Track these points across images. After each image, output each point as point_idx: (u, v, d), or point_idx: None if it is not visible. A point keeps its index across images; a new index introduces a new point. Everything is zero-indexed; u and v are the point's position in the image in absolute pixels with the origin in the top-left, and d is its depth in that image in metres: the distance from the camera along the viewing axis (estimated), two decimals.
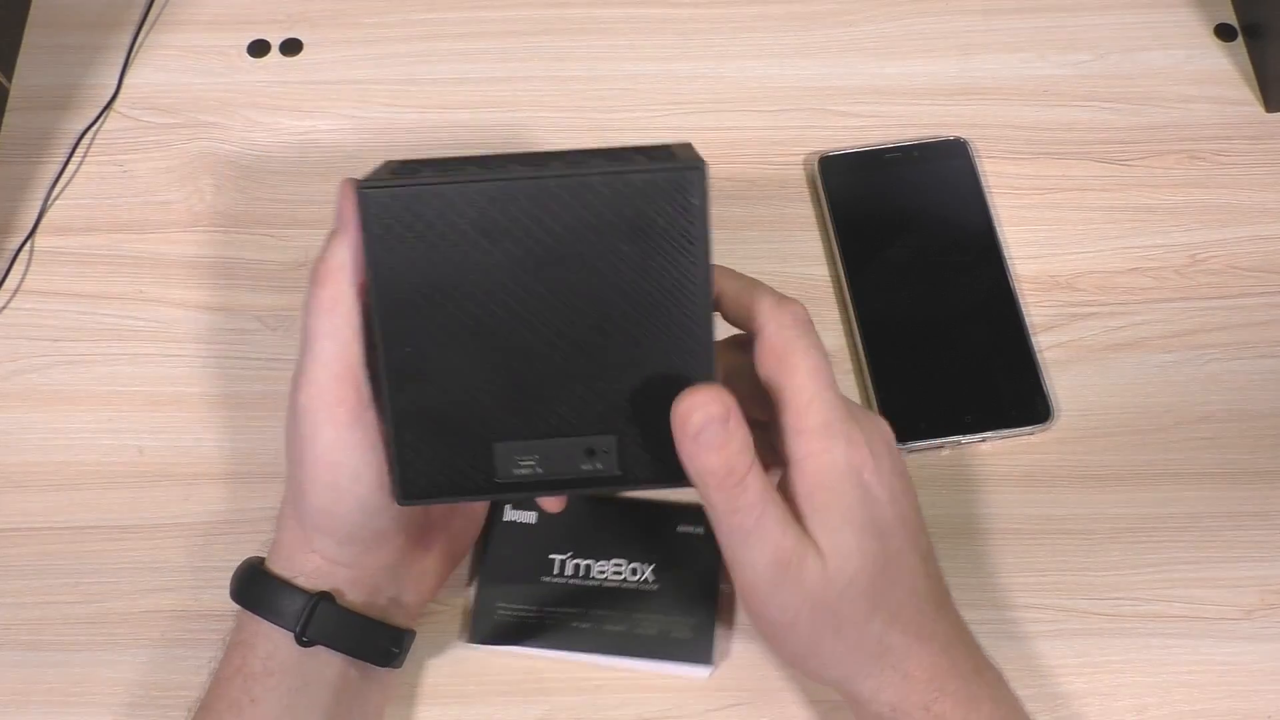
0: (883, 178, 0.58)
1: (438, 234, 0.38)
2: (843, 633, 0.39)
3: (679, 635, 0.48)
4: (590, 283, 0.38)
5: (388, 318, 0.39)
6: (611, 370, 0.39)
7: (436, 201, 0.38)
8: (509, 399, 0.39)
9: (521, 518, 0.50)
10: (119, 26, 0.63)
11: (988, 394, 0.53)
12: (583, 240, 0.38)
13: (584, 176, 0.37)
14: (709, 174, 0.38)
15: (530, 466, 0.40)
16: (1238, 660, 0.48)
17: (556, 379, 0.39)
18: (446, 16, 0.63)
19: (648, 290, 0.38)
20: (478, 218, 0.38)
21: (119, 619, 0.49)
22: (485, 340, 0.39)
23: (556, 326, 0.39)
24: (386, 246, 0.38)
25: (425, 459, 0.40)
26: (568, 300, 0.38)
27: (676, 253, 0.38)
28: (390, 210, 0.38)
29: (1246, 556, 0.50)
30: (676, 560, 0.49)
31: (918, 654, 0.40)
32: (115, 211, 0.58)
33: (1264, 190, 0.59)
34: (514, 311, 0.39)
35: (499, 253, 0.38)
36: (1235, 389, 0.54)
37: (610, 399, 0.39)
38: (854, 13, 0.64)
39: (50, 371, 0.54)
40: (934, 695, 0.40)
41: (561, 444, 0.40)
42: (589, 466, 0.40)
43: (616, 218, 0.38)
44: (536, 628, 0.48)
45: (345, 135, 0.60)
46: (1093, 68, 0.62)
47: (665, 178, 0.37)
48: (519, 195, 0.38)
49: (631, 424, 0.40)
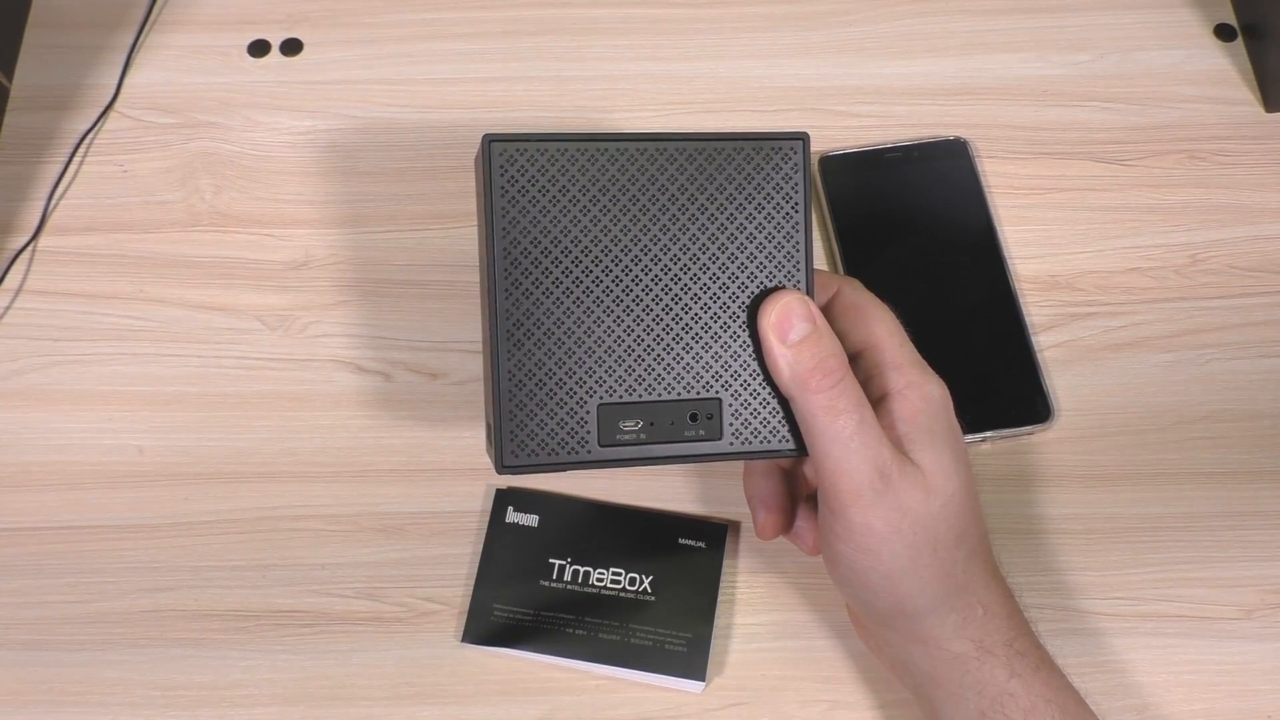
0: (883, 178, 0.58)
1: (559, 189, 0.40)
2: (938, 553, 0.40)
3: (673, 649, 0.47)
4: (701, 243, 0.41)
5: (505, 273, 0.39)
6: (717, 333, 0.41)
7: (561, 157, 0.40)
8: (618, 360, 0.40)
9: (524, 520, 0.50)
10: (119, 26, 0.63)
11: (988, 394, 0.53)
12: (696, 201, 0.40)
13: (700, 141, 0.40)
14: (810, 144, 0.41)
15: (634, 431, 0.40)
16: (1238, 660, 0.48)
17: (663, 340, 0.41)
18: (446, 16, 0.63)
19: (754, 252, 0.41)
20: (599, 174, 0.40)
21: (119, 619, 0.49)
22: (597, 298, 0.40)
23: (666, 286, 0.41)
24: (509, 199, 0.39)
25: (530, 425, 0.40)
26: (679, 260, 0.41)
27: (782, 217, 0.41)
28: (516, 163, 0.39)
29: (1246, 556, 0.50)
30: (676, 573, 0.49)
31: (995, 591, 0.41)
32: (115, 211, 0.58)
33: (1264, 190, 0.59)
34: (626, 270, 0.40)
35: (617, 210, 0.40)
36: (1235, 389, 0.54)
37: (715, 363, 0.41)
38: (854, 13, 0.64)
39: (50, 371, 0.54)
40: (1014, 634, 0.41)
41: (666, 408, 0.41)
42: (692, 433, 0.41)
43: (728, 181, 0.41)
44: (531, 631, 0.48)
45: (345, 135, 0.60)
46: (1093, 68, 0.62)
47: (774, 145, 0.41)
48: (639, 155, 0.40)
49: (734, 389, 0.41)
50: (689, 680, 0.47)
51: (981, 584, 0.41)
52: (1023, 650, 0.41)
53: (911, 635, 0.42)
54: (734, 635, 0.49)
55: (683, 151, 0.40)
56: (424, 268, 0.56)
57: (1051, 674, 0.41)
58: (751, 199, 0.41)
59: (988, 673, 0.40)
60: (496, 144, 0.39)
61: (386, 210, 0.58)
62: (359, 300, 0.56)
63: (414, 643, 0.48)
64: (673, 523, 0.50)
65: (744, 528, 0.51)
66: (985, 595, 0.41)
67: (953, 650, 0.41)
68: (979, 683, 0.40)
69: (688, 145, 0.40)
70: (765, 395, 0.41)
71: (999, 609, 0.41)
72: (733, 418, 0.41)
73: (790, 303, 0.39)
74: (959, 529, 0.40)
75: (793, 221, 0.41)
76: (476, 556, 0.50)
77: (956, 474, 0.40)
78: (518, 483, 0.51)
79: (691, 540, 0.50)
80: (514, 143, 0.39)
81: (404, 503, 0.51)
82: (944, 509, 0.40)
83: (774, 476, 0.46)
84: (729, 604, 0.49)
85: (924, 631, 0.41)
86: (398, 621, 0.49)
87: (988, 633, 0.41)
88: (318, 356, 0.54)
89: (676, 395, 0.41)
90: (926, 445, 0.40)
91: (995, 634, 0.41)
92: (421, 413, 0.53)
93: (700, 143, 0.40)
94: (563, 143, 0.40)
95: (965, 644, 0.40)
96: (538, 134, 0.39)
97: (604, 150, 0.40)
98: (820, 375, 0.39)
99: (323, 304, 0.56)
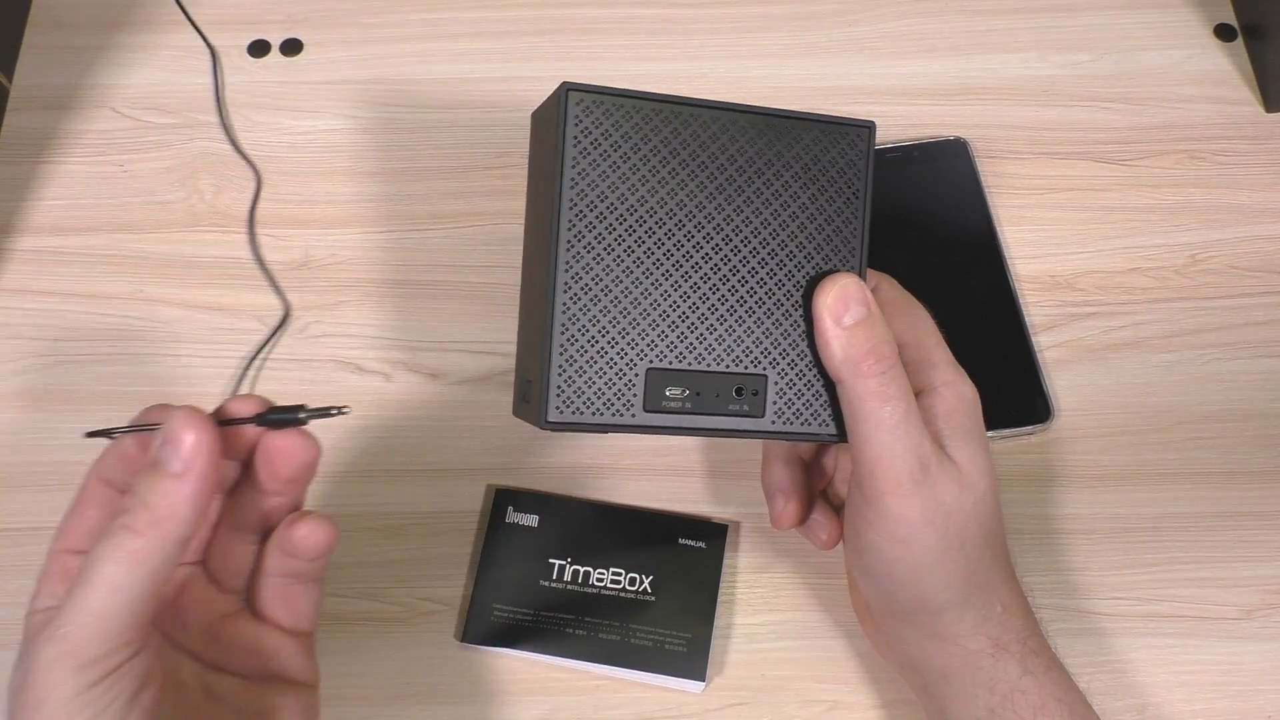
0: (882, 178, 0.58)
1: (631, 146, 0.39)
2: (965, 549, 0.40)
3: (673, 649, 0.47)
4: (763, 218, 0.41)
5: (570, 225, 0.39)
6: (771, 309, 0.41)
7: (636, 115, 0.39)
8: (672, 326, 0.40)
9: (523, 520, 0.50)
10: (119, 26, 0.63)
11: (988, 394, 0.52)
12: (762, 175, 0.41)
13: (771, 115, 0.40)
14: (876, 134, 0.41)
15: (679, 399, 0.40)
16: (1238, 660, 0.48)
17: (717, 310, 0.40)
18: (446, 16, 0.63)
19: (812, 233, 0.41)
20: (671, 136, 0.40)
21: None
22: (657, 261, 0.40)
23: (727, 257, 0.40)
24: (581, 150, 0.39)
25: (579, 383, 0.39)
26: (740, 232, 0.40)
27: (843, 201, 0.41)
28: (591, 114, 0.39)
29: (1246, 556, 0.50)
30: (676, 573, 0.49)
31: (1013, 590, 0.42)
32: (115, 211, 0.58)
33: (1264, 190, 0.58)
34: (689, 236, 0.40)
35: (685, 175, 0.40)
36: (1235, 389, 0.54)
37: (766, 339, 0.41)
38: (854, 13, 0.64)
39: (50, 371, 0.54)
40: (1028, 632, 0.41)
41: (713, 379, 0.40)
42: (736, 407, 0.41)
43: (795, 159, 0.41)
44: (531, 631, 0.48)
45: (345, 135, 0.60)
46: (1093, 68, 0.62)
47: (841, 130, 0.41)
48: (711, 122, 0.40)
49: (782, 367, 0.41)
50: (689, 680, 0.47)
51: (1001, 582, 0.41)
52: (1036, 649, 0.41)
53: (929, 631, 0.42)
54: (734, 635, 0.49)
55: (755, 124, 0.40)
56: (424, 268, 0.56)
57: (1061, 674, 0.41)
58: (816, 180, 0.41)
59: (1001, 670, 0.40)
60: (574, 93, 0.39)
61: (387, 210, 0.58)
62: (359, 300, 0.56)
63: (414, 643, 0.48)
64: (673, 523, 0.50)
65: (744, 528, 0.51)
66: (1004, 593, 0.41)
67: (969, 647, 0.41)
68: (991, 679, 0.40)
69: (760, 119, 0.40)
70: (811, 378, 0.41)
71: (1016, 608, 0.41)
72: (777, 396, 0.41)
73: (848, 285, 0.39)
74: (988, 527, 0.41)
75: (853, 207, 0.41)
76: (476, 556, 0.50)
77: (988, 473, 0.41)
78: (517, 482, 0.51)
79: (691, 540, 0.50)
80: (592, 94, 0.39)
81: (404, 503, 0.51)
82: (976, 506, 0.40)
83: (795, 466, 0.46)
84: (729, 604, 0.49)
85: (942, 628, 0.41)
86: (397, 621, 0.49)
87: (1004, 630, 0.41)
88: (318, 356, 0.54)
89: (725, 368, 0.40)
90: (963, 443, 0.40)
91: (1011, 632, 0.41)
92: (421, 413, 0.53)
93: (773, 118, 0.40)
94: (640, 100, 0.39)
95: (981, 640, 0.41)
96: (616, 89, 0.39)
97: (679, 113, 0.40)
98: (873, 360, 0.39)
99: (323, 304, 0.56)
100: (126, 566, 0.31)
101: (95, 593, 0.31)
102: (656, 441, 0.52)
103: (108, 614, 0.31)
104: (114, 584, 0.31)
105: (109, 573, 0.31)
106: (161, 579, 0.32)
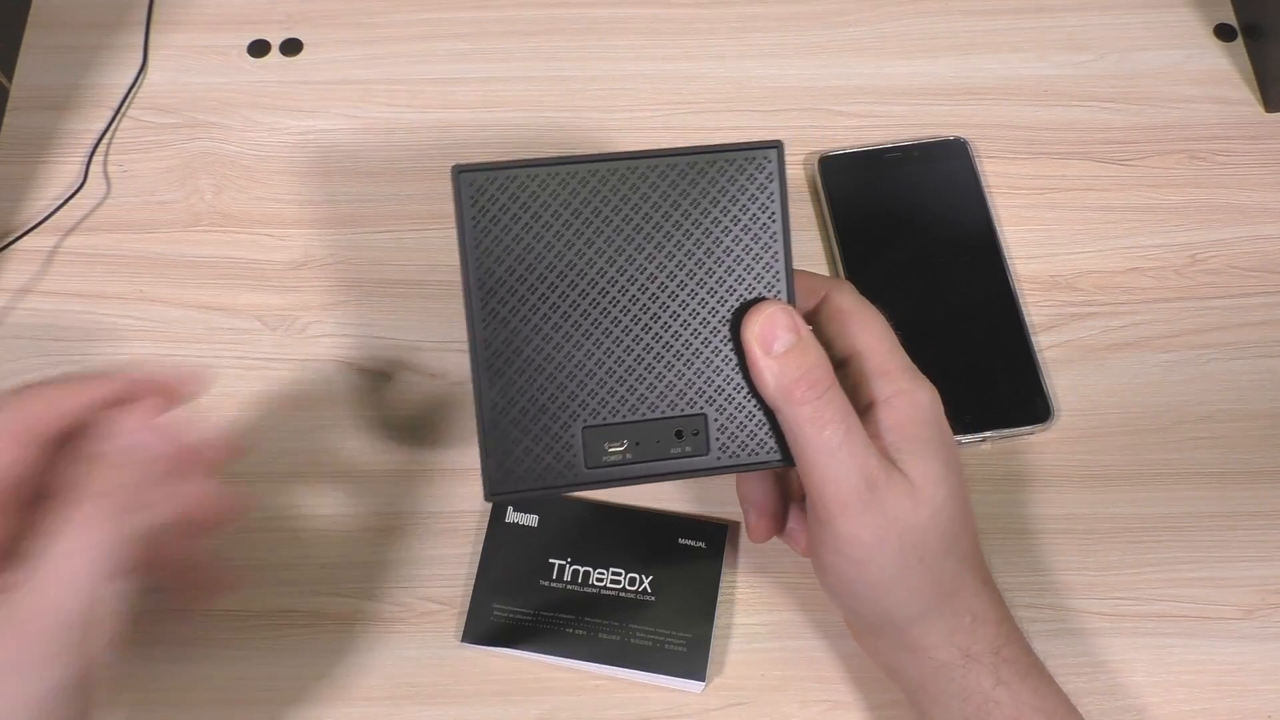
0: (883, 178, 0.58)
1: (531, 215, 0.40)
2: (926, 563, 0.39)
3: (673, 649, 0.47)
4: (677, 259, 0.40)
5: (482, 302, 0.40)
6: (699, 349, 0.41)
7: (530, 183, 0.39)
8: (600, 383, 0.40)
9: (523, 520, 0.50)
10: (119, 26, 0.63)
11: (988, 394, 0.53)
12: (670, 217, 0.40)
13: (670, 157, 0.40)
14: (785, 152, 0.40)
15: (620, 452, 0.40)
16: (1238, 660, 0.48)
17: (644, 359, 0.40)
18: (446, 16, 0.63)
19: (731, 265, 0.40)
20: (571, 197, 0.40)
21: None
22: (577, 322, 0.40)
23: (645, 305, 0.40)
24: (481, 228, 0.39)
25: (516, 452, 0.40)
26: (656, 278, 0.40)
27: (759, 228, 0.41)
28: (486, 193, 0.39)
29: (1246, 556, 0.50)
30: (676, 573, 0.49)
31: (985, 598, 0.41)
32: (115, 211, 0.58)
33: (1264, 190, 0.59)
34: (604, 292, 0.40)
35: (592, 232, 0.40)
36: (1235, 389, 0.54)
37: (698, 379, 0.41)
38: (854, 13, 0.64)
39: (50, 371, 0.54)
40: (1001, 641, 0.41)
41: (650, 427, 0.41)
42: (679, 450, 0.41)
43: (702, 194, 0.40)
44: (531, 631, 0.48)
45: (345, 135, 0.60)
46: (1093, 68, 0.62)
47: (746, 156, 0.40)
48: (609, 176, 0.40)
49: (719, 404, 0.41)
50: (689, 680, 0.47)
51: (971, 591, 0.41)
52: (1010, 658, 0.40)
53: (900, 643, 0.42)
54: (734, 635, 0.49)
55: (653, 169, 0.40)
56: (424, 268, 0.56)
57: (1040, 681, 0.41)
58: (727, 211, 0.40)
59: (973, 680, 0.40)
60: (465, 174, 0.39)
61: (386, 210, 0.58)
62: (359, 300, 0.56)
63: (414, 643, 0.48)
64: (672, 523, 0.50)
65: (743, 528, 0.51)
66: (975, 603, 0.41)
67: (939, 658, 0.40)
68: (964, 690, 0.40)
69: (659, 162, 0.40)
70: (751, 408, 0.41)
71: (988, 616, 0.41)
72: (719, 432, 0.41)
73: (774, 313, 0.39)
74: (949, 537, 0.40)
75: (770, 232, 0.40)
76: (476, 556, 0.50)
77: (945, 481, 0.40)
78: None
79: (691, 540, 0.50)
80: (483, 172, 0.39)
81: (404, 503, 0.51)
82: (933, 518, 0.39)
83: (767, 480, 0.46)
84: (729, 604, 0.49)
85: (911, 640, 0.41)
86: (398, 621, 0.49)
87: (975, 640, 0.40)
88: (318, 356, 0.54)
89: (661, 414, 0.40)
90: (914, 454, 0.40)
91: (982, 642, 0.40)
92: (421, 412, 0.53)
93: (671, 159, 0.40)
94: (532, 169, 0.39)
95: (952, 652, 0.40)
96: (507, 162, 0.39)
97: (575, 173, 0.40)
98: (805, 386, 0.38)
99: (323, 304, 0.56)
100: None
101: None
102: None
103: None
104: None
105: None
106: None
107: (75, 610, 0.35)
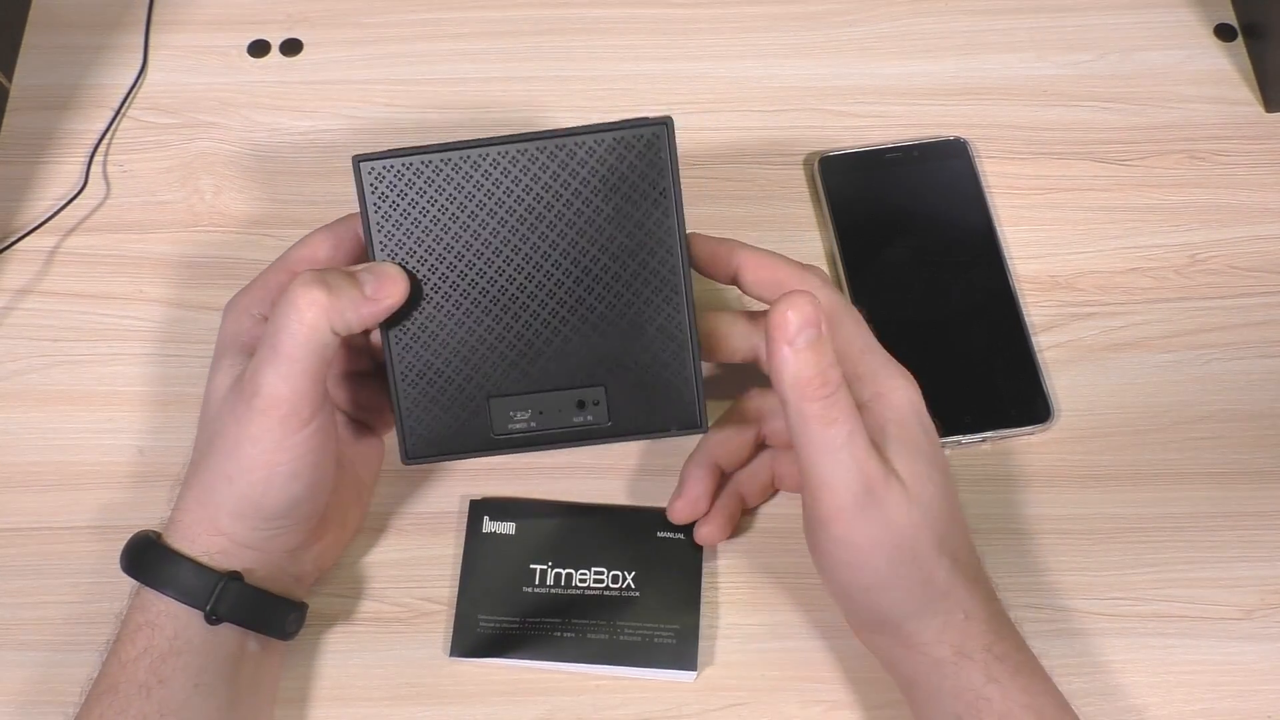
0: (883, 178, 0.58)
1: (428, 199, 0.42)
2: (917, 563, 0.40)
3: (662, 641, 0.47)
4: (572, 239, 0.42)
5: None
6: (596, 323, 0.43)
7: (427, 169, 0.42)
8: (503, 356, 0.43)
9: (500, 528, 0.50)
10: (119, 27, 0.63)
11: (988, 394, 0.53)
12: (563, 199, 0.42)
13: (561, 138, 0.42)
14: (675, 129, 0.42)
15: (525, 421, 0.43)
16: (1238, 660, 0.48)
17: (546, 334, 0.43)
18: (446, 16, 0.63)
19: (625, 243, 0.42)
20: (466, 181, 0.42)
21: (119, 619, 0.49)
22: (479, 299, 0.42)
23: (543, 283, 0.42)
24: (383, 214, 0.42)
25: (428, 420, 0.43)
26: (552, 257, 0.42)
27: (650, 205, 0.42)
28: (384, 180, 0.42)
29: (1246, 556, 0.50)
30: (657, 566, 0.49)
31: (977, 595, 0.41)
32: (115, 211, 0.58)
33: (1264, 190, 0.58)
34: (504, 270, 0.42)
35: (487, 214, 0.42)
36: (1235, 389, 0.54)
37: (597, 351, 0.43)
38: (854, 13, 0.64)
39: (50, 371, 0.54)
40: (993, 638, 0.41)
41: (553, 397, 0.43)
42: (580, 419, 0.44)
43: (593, 175, 0.42)
44: (519, 639, 0.48)
45: (345, 135, 0.60)
46: (1093, 68, 0.62)
47: (635, 134, 0.42)
48: (502, 159, 0.42)
49: (619, 374, 0.43)
50: (680, 671, 0.47)
51: (964, 589, 0.41)
52: (1002, 655, 0.40)
53: (894, 639, 0.42)
54: (733, 635, 0.49)
55: (544, 150, 0.41)
56: None
57: (1032, 679, 0.41)
58: (618, 189, 0.42)
59: (964, 678, 0.40)
60: (364, 163, 0.42)
61: None
62: None
63: (413, 643, 0.48)
64: (649, 516, 0.50)
65: None
66: (967, 600, 0.41)
67: (932, 655, 0.41)
68: (956, 688, 0.40)
69: (550, 143, 0.41)
70: (646, 380, 0.43)
71: (980, 613, 0.41)
72: (615, 405, 0.43)
73: (804, 307, 0.38)
74: (939, 534, 0.40)
75: (662, 207, 0.42)
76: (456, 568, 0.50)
77: (931, 479, 0.40)
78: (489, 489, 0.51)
79: (669, 532, 0.50)
80: (381, 160, 0.42)
81: (403, 503, 0.51)
82: (924, 516, 0.40)
83: (712, 472, 0.47)
84: (730, 604, 0.49)
85: (906, 637, 0.41)
86: (397, 622, 0.49)
87: (967, 638, 0.40)
88: None
89: (560, 385, 0.43)
90: (899, 453, 0.40)
91: (975, 639, 0.40)
92: None
93: (562, 139, 0.41)
94: (428, 155, 0.41)
95: (944, 649, 0.40)
96: (405, 149, 0.41)
97: (467, 158, 0.41)
98: (819, 384, 0.38)
99: None
100: (303, 342, 0.38)
101: (284, 364, 0.39)
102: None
103: (295, 381, 0.39)
104: (293, 356, 0.38)
105: (289, 349, 0.38)
106: (330, 353, 0.39)
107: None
